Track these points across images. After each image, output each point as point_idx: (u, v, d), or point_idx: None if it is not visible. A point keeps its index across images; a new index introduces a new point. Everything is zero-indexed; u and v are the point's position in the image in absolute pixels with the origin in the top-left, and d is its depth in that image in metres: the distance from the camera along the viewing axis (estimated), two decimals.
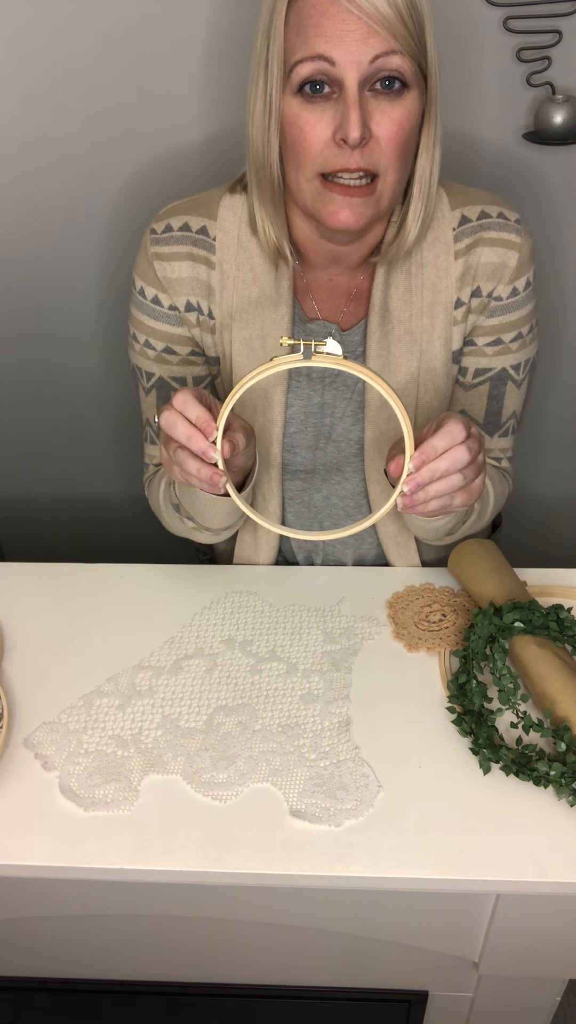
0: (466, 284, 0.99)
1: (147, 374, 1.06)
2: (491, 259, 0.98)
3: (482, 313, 1.01)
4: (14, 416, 1.64)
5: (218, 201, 1.00)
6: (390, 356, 1.01)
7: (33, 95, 1.29)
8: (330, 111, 0.84)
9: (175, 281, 1.00)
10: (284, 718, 0.90)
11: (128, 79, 1.27)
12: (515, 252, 0.99)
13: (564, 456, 1.69)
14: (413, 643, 0.98)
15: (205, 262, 0.99)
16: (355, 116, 0.82)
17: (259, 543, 1.11)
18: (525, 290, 1.01)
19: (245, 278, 0.99)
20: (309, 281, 1.01)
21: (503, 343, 1.03)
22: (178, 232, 0.99)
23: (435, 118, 0.90)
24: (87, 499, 1.76)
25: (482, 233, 0.98)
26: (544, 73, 1.26)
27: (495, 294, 1.00)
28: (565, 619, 0.95)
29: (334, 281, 1.01)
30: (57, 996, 1.10)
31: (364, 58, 0.81)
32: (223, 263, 0.99)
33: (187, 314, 1.01)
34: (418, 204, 0.94)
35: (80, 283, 1.47)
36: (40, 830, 0.81)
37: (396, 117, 0.84)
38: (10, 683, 0.94)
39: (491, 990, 1.01)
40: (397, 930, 0.93)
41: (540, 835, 0.80)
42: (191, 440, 0.80)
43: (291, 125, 0.86)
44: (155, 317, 1.02)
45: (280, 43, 0.84)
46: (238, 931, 0.96)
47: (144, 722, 0.90)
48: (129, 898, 0.90)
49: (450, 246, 0.98)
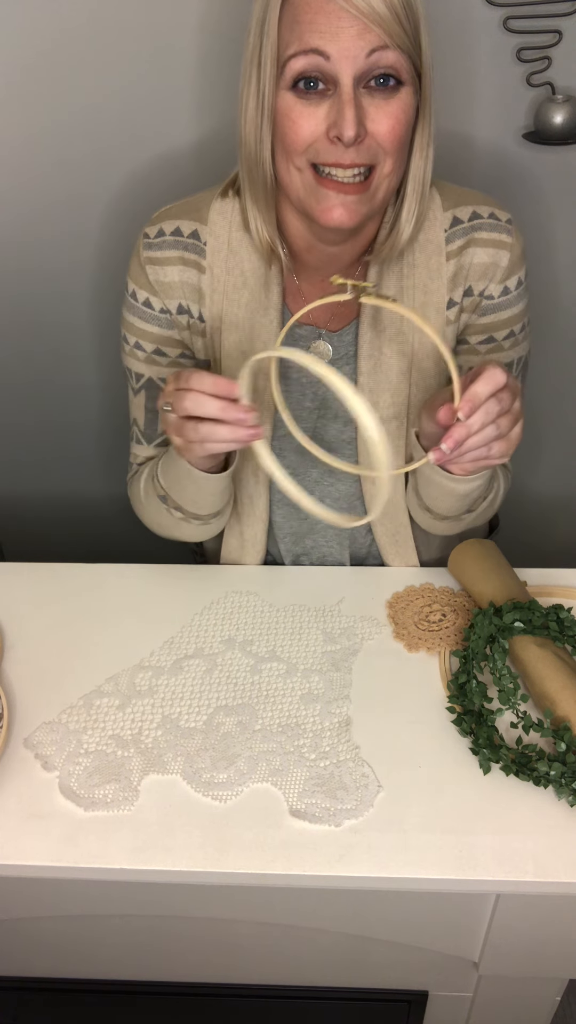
0: (458, 284, 1.00)
1: (136, 375, 1.07)
2: (483, 259, 0.99)
3: (474, 312, 1.01)
4: (14, 416, 1.64)
5: (209, 205, 1.00)
6: (381, 357, 1.01)
7: (26, 95, 1.29)
8: (324, 107, 0.84)
9: (167, 285, 1.00)
10: (284, 718, 0.90)
11: (122, 79, 1.27)
12: (507, 252, 0.99)
13: (563, 456, 1.69)
14: (413, 643, 0.98)
15: (196, 266, 1.00)
16: (350, 115, 0.82)
17: (245, 546, 1.11)
18: (517, 289, 1.02)
19: (235, 282, 1.00)
20: (301, 283, 1.02)
21: (496, 341, 1.03)
22: (170, 237, 1.00)
23: (429, 117, 0.89)
24: (87, 499, 1.77)
25: (474, 234, 0.99)
26: (544, 73, 1.26)
27: (487, 293, 1.00)
28: (565, 619, 0.95)
29: (326, 282, 1.01)
30: (57, 996, 1.11)
31: (359, 53, 0.81)
32: (213, 267, 1.00)
33: (179, 317, 1.02)
34: (412, 202, 0.94)
35: (76, 282, 1.48)
36: (40, 830, 0.81)
37: (392, 111, 0.84)
38: (10, 683, 0.94)
39: (491, 990, 1.01)
40: (397, 930, 0.93)
41: (540, 835, 0.80)
42: (226, 410, 0.81)
43: (284, 118, 0.86)
44: (146, 320, 1.03)
45: (274, 39, 0.84)
46: (238, 931, 0.96)
47: (144, 722, 0.90)
48: (129, 898, 0.90)
49: (442, 248, 0.99)
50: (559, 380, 1.58)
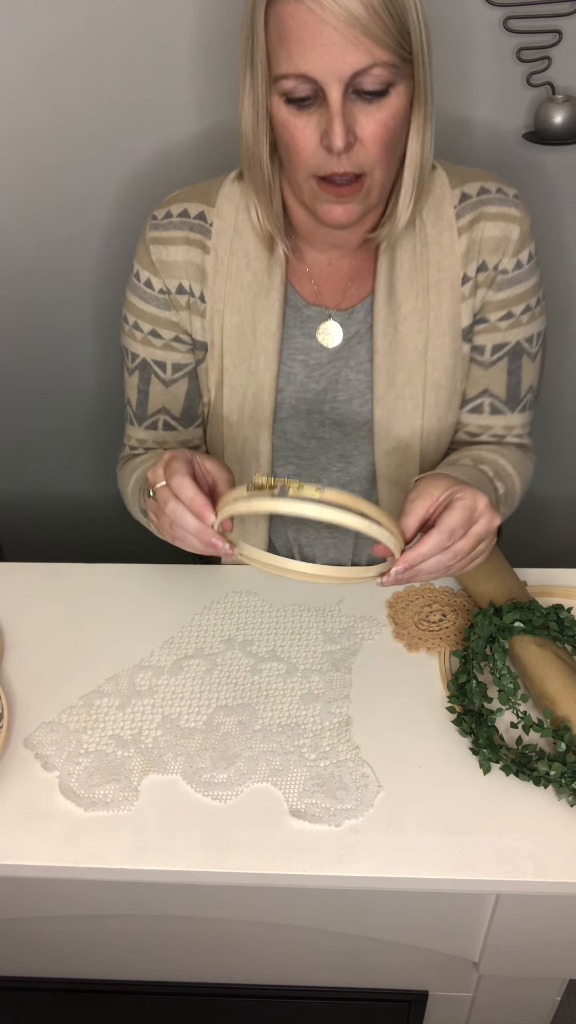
0: (471, 259, 1.00)
1: (132, 355, 1.08)
2: (494, 233, 0.99)
3: (490, 287, 1.02)
4: (15, 415, 1.64)
5: (218, 190, 1.02)
6: (397, 335, 1.01)
7: (28, 91, 1.29)
8: (316, 116, 0.85)
9: (169, 264, 1.01)
10: (284, 718, 0.90)
11: (123, 74, 1.27)
12: (516, 225, 1.00)
13: (564, 456, 1.69)
14: (413, 643, 0.98)
15: (200, 246, 1.01)
16: (338, 128, 0.83)
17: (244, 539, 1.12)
18: (529, 262, 1.02)
19: (239, 264, 1.01)
20: (309, 264, 1.02)
21: (514, 316, 1.04)
22: (177, 218, 1.01)
23: (424, 99, 0.89)
24: (88, 499, 1.77)
25: (483, 208, 0.99)
26: (544, 73, 1.26)
27: (501, 267, 1.01)
28: (565, 619, 0.95)
29: (334, 264, 1.02)
30: (57, 996, 1.10)
31: (345, 73, 0.81)
32: (218, 248, 1.01)
33: (178, 296, 1.03)
34: (408, 186, 0.95)
35: (77, 284, 1.48)
36: (40, 830, 0.81)
37: (380, 118, 0.85)
38: (10, 683, 0.94)
39: (491, 990, 1.01)
40: (397, 930, 0.93)
41: (540, 835, 0.80)
42: (200, 533, 0.81)
43: (282, 128, 0.87)
44: (145, 299, 1.04)
45: (262, 45, 0.85)
46: (238, 931, 0.96)
47: (144, 722, 0.90)
48: (129, 898, 0.90)
49: (452, 223, 1.00)
50: (557, 382, 1.58)
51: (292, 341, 1.03)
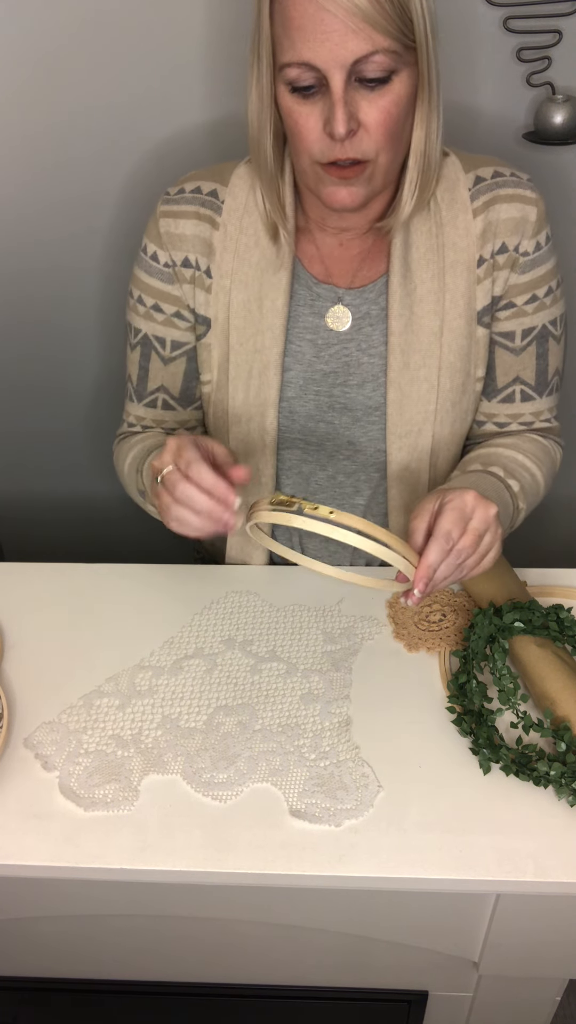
0: (487, 241, 1.01)
1: (135, 330, 1.09)
2: (511, 214, 1.00)
3: (512, 270, 1.02)
4: (15, 415, 1.64)
5: (232, 171, 1.03)
6: (412, 316, 1.01)
7: (28, 88, 1.29)
8: (319, 104, 0.87)
9: (177, 237, 1.02)
10: (284, 718, 0.90)
11: (130, 67, 1.27)
12: (533, 207, 1.00)
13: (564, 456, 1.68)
14: (413, 643, 0.98)
15: (210, 221, 1.02)
16: (340, 114, 0.84)
17: (250, 542, 1.11)
18: (547, 244, 1.03)
19: (248, 241, 1.02)
20: (319, 245, 1.03)
21: (539, 299, 1.04)
22: (189, 194, 1.03)
23: (429, 87, 0.90)
24: (88, 498, 1.77)
25: (498, 190, 1.00)
26: (544, 73, 1.26)
27: (521, 249, 1.01)
28: (565, 619, 0.95)
29: (345, 245, 1.03)
30: (57, 996, 1.10)
31: (346, 60, 0.83)
32: (227, 224, 1.02)
33: (183, 270, 1.03)
34: (414, 174, 0.95)
35: (78, 283, 1.48)
36: (40, 830, 0.81)
37: (383, 105, 0.86)
38: (10, 683, 0.94)
39: (491, 990, 1.01)
40: (397, 930, 0.93)
41: (540, 835, 0.80)
42: (214, 512, 0.82)
43: (287, 117, 0.89)
44: (150, 272, 1.05)
45: (268, 36, 0.87)
46: (238, 931, 0.96)
47: (144, 722, 0.90)
48: (129, 898, 0.90)
49: (467, 205, 1.00)
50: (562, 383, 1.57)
51: (300, 319, 1.03)
